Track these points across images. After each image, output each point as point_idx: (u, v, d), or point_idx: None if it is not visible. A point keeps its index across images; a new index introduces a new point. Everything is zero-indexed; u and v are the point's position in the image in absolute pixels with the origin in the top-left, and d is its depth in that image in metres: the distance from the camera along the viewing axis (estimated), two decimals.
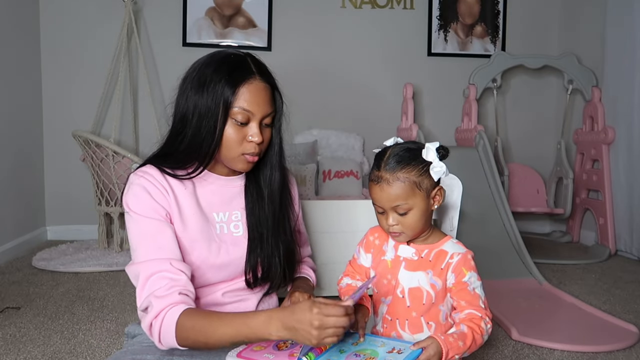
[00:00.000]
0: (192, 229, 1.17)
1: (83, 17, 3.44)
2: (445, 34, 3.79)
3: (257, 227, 1.23)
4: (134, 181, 1.16)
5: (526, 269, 2.59)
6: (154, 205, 1.13)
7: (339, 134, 3.56)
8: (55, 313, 2.04)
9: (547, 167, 3.73)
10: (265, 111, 1.15)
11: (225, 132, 1.13)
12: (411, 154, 1.07)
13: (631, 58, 3.08)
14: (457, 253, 1.09)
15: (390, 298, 1.13)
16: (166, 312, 1.02)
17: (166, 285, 1.04)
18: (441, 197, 1.11)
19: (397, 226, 1.08)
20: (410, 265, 1.11)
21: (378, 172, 1.08)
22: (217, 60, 1.16)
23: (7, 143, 2.94)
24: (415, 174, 1.06)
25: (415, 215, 1.07)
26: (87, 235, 3.38)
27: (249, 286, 1.23)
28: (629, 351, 1.75)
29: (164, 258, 1.08)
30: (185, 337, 1.00)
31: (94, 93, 3.35)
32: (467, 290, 1.06)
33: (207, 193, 1.22)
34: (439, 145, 1.08)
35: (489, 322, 1.05)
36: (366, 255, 1.21)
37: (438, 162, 1.06)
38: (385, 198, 1.07)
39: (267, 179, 1.24)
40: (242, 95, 1.12)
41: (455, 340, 0.99)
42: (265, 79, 1.16)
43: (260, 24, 3.62)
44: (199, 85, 1.13)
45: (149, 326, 1.03)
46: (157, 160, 1.19)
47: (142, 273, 1.07)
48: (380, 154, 1.10)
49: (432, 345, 0.96)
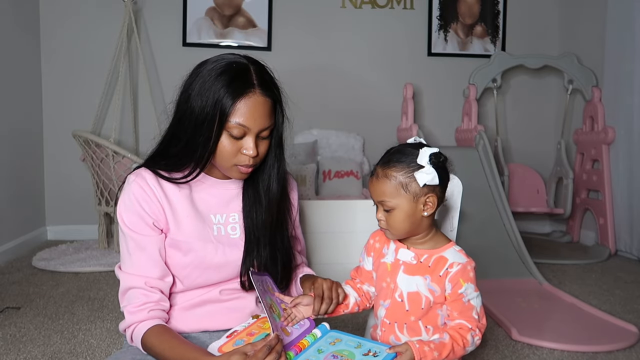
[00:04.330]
0: (187, 230, 1.18)
1: (83, 17, 3.44)
2: (445, 34, 3.79)
3: (254, 230, 1.23)
4: (127, 185, 1.17)
5: (526, 269, 2.59)
6: (142, 214, 1.15)
7: (339, 134, 3.57)
8: (55, 313, 2.04)
9: (547, 167, 3.73)
10: (262, 125, 1.13)
11: (220, 143, 1.13)
12: (406, 155, 1.08)
13: (631, 58, 3.08)
14: (458, 263, 1.07)
15: (389, 302, 1.12)
16: (135, 326, 1.13)
17: (139, 302, 1.14)
18: (434, 205, 1.08)
19: (383, 222, 1.10)
20: (408, 269, 1.11)
21: (376, 166, 1.12)
22: (219, 67, 1.14)
23: (7, 143, 2.94)
24: (403, 175, 1.06)
25: (399, 216, 1.07)
26: (87, 235, 3.38)
27: (243, 288, 1.23)
28: (629, 351, 1.75)
29: (140, 275, 1.15)
30: (148, 352, 1.12)
31: (94, 93, 3.36)
32: (461, 301, 1.06)
33: (204, 195, 1.22)
34: (434, 152, 1.07)
35: (477, 334, 1.04)
36: (368, 258, 1.21)
37: (429, 167, 1.05)
38: (374, 191, 1.10)
39: (265, 187, 1.24)
40: (239, 110, 1.10)
41: (431, 350, 0.99)
42: (266, 92, 1.13)
43: (260, 24, 3.62)
44: (199, 91, 1.13)
45: (123, 330, 1.16)
46: (153, 162, 1.20)
47: (122, 282, 1.18)
48: (387, 151, 1.12)
49: (406, 353, 0.98)
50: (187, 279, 1.19)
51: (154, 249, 1.16)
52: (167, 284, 1.17)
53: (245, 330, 1.12)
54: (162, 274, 1.16)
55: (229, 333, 1.11)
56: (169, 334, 1.11)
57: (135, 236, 1.15)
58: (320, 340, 1.08)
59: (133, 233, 1.15)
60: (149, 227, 1.15)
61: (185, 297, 1.22)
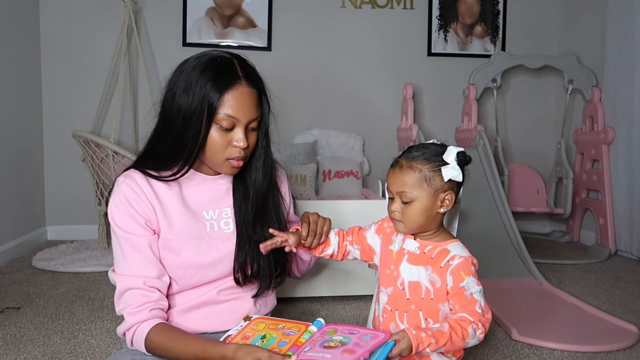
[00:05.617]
0: (178, 229, 1.18)
1: (83, 17, 3.44)
2: (445, 34, 3.79)
3: (245, 225, 1.23)
4: (117, 186, 1.18)
5: (526, 269, 2.59)
6: (133, 214, 1.15)
7: (339, 134, 3.56)
8: (55, 313, 2.04)
9: (547, 167, 3.73)
10: (251, 116, 1.14)
11: (209, 136, 1.13)
12: (432, 151, 1.10)
13: (631, 58, 3.08)
14: (459, 256, 1.09)
15: (392, 289, 1.14)
16: (137, 327, 1.10)
17: (138, 302, 1.12)
18: (450, 203, 1.11)
19: (398, 213, 1.11)
20: (412, 259, 1.13)
21: (398, 158, 1.12)
22: (203, 62, 1.15)
23: (7, 143, 2.94)
24: (428, 169, 1.08)
25: (417, 208, 1.09)
26: (87, 235, 3.38)
27: (238, 284, 1.23)
28: (629, 351, 1.75)
29: (138, 275, 1.13)
30: (153, 351, 1.09)
31: (94, 93, 3.35)
32: (463, 295, 1.06)
33: (194, 192, 1.22)
34: (461, 150, 1.10)
35: (480, 327, 1.04)
36: (375, 235, 1.22)
37: (455, 165, 1.08)
38: (394, 181, 1.11)
39: (253, 179, 1.25)
40: (227, 102, 1.12)
41: (428, 336, 1.00)
42: (251, 84, 1.15)
43: (260, 24, 3.62)
44: (185, 88, 1.13)
45: (123, 334, 1.13)
46: (141, 162, 1.20)
47: (118, 285, 1.15)
48: (409, 147, 1.14)
49: (404, 340, 0.99)
50: (182, 278, 1.19)
51: (149, 248, 1.15)
52: (164, 283, 1.16)
53: (240, 333, 1.12)
54: (159, 273, 1.16)
55: (223, 338, 1.11)
56: (175, 329, 1.11)
57: (129, 237, 1.15)
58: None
59: (126, 234, 1.15)
60: (141, 227, 1.15)
61: (182, 299, 1.21)
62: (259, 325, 1.14)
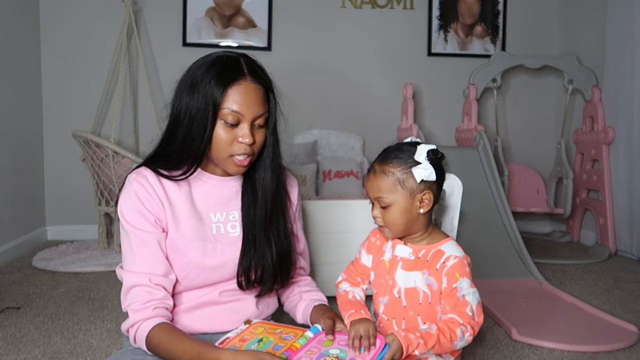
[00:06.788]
0: (186, 229, 1.17)
1: (83, 17, 3.44)
2: (445, 34, 3.79)
3: (252, 229, 1.22)
4: (128, 183, 1.18)
5: (526, 269, 2.59)
6: (143, 212, 1.15)
7: (339, 134, 3.57)
8: (55, 313, 2.04)
9: (547, 167, 3.73)
10: (257, 112, 1.14)
11: (215, 132, 1.13)
12: (403, 152, 1.09)
13: (631, 58, 3.08)
14: (454, 256, 1.08)
15: (387, 298, 1.13)
16: (139, 325, 1.11)
17: (143, 299, 1.12)
18: (430, 202, 1.09)
19: (379, 219, 1.11)
20: (407, 265, 1.12)
21: (373, 163, 1.12)
22: (209, 61, 1.15)
23: (7, 143, 2.94)
24: (401, 171, 1.07)
25: (396, 212, 1.08)
26: (87, 235, 3.38)
27: (241, 288, 1.23)
28: (629, 351, 1.75)
29: (145, 272, 1.13)
30: (153, 350, 1.10)
31: (94, 93, 3.35)
32: (455, 296, 1.06)
33: (203, 193, 1.22)
34: (431, 148, 1.07)
35: (468, 330, 1.04)
36: (368, 256, 1.21)
37: (426, 164, 1.06)
38: (370, 188, 1.11)
39: (261, 180, 1.24)
40: (231, 97, 1.11)
41: (417, 337, 1.00)
42: (257, 80, 1.14)
43: (260, 24, 3.62)
44: (191, 87, 1.14)
45: (126, 331, 1.14)
46: (152, 161, 1.20)
47: (125, 281, 1.16)
48: (385, 149, 1.13)
49: (394, 342, 0.99)
50: (186, 279, 1.19)
51: (157, 245, 1.15)
52: (170, 282, 1.16)
53: (238, 336, 1.12)
54: (166, 270, 1.15)
55: (222, 340, 1.11)
56: (176, 330, 1.11)
57: (138, 232, 1.14)
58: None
59: (135, 230, 1.15)
60: (150, 224, 1.15)
61: (185, 298, 1.21)
62: (258, 329, 1.14)
